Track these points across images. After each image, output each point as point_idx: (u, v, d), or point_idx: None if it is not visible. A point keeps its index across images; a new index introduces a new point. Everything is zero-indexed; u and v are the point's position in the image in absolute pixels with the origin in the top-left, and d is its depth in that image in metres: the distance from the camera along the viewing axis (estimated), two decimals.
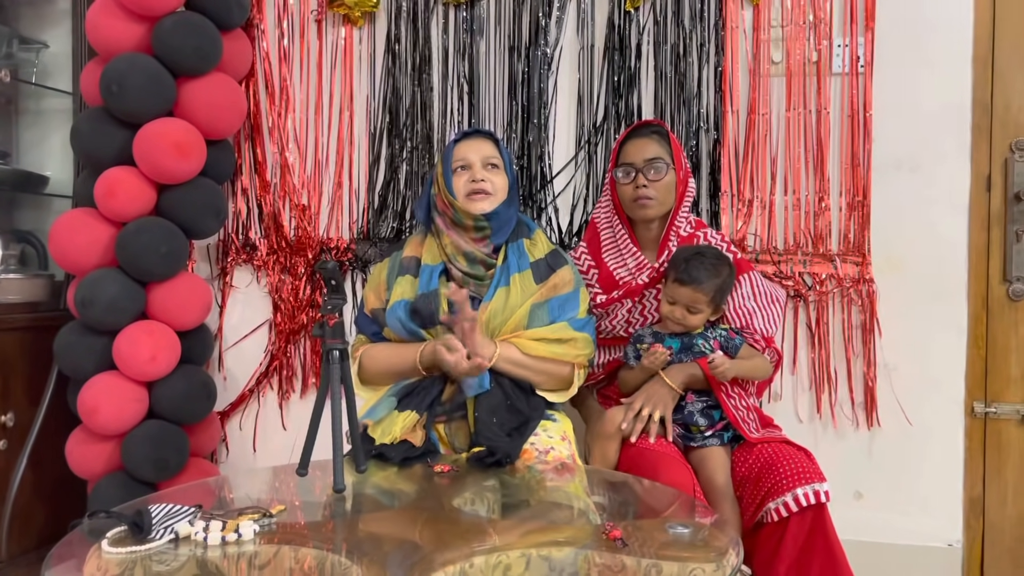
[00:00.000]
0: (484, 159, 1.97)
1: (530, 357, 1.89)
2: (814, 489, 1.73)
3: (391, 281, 1.98)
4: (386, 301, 1.96)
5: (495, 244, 1.97)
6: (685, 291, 1.90)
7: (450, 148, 2.01)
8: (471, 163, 1.96)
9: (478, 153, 1.97)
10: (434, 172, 2.03)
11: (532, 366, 1.90)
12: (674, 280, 1.91)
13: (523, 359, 1.89)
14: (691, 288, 1.89)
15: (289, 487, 1.64)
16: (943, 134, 2.30)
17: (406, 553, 1.27)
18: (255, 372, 2.64)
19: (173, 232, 2.30)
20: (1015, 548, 2.32)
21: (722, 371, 1.85)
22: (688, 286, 1.89)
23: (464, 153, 1.98)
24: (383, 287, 2.00)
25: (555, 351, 1.91)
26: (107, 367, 2.27)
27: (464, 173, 1.96)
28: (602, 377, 2.15)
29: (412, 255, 2.01)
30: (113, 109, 2.25)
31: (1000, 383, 2.32)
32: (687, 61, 2.40)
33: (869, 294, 2.32)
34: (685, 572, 1.18)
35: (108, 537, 1.24)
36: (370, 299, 2.01)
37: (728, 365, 1.86)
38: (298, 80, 2.61)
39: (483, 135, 2.03)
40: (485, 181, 1.95)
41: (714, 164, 2.39)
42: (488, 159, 1.98)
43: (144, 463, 2.25)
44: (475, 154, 1.97)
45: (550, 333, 1.91)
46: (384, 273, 2.03)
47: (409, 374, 1.92)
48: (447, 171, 1.97)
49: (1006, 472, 2.32)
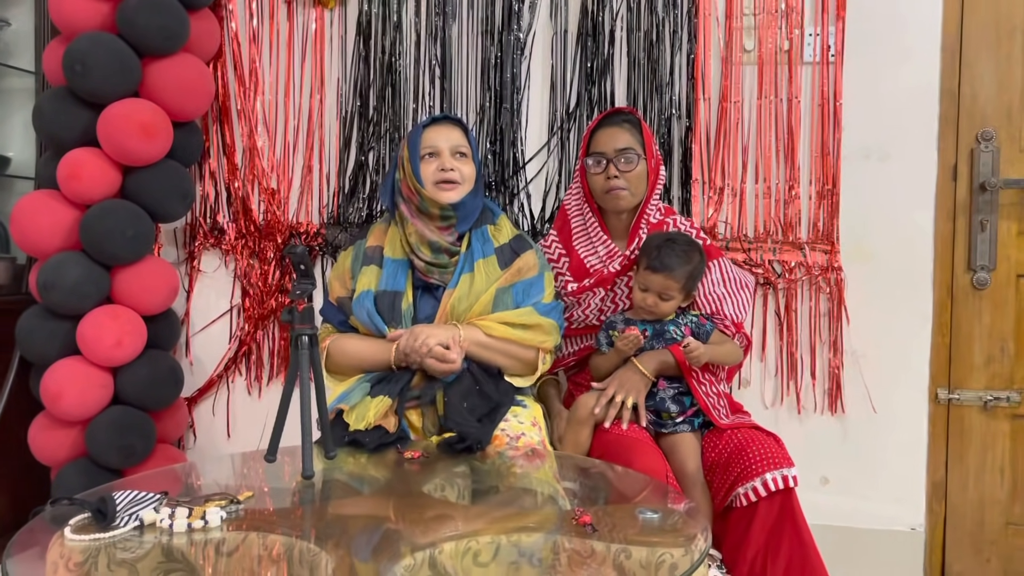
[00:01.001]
0: (453, 147, 1.95)
1: (495, 339, 1.89)
2: (783, 474, 1.75)
3: (356, 270, 1.97)
4: (352, 290, 1.95)
5: (459, 232, 1.96)
6: (657, 278, 1.90)
7: (417, 133, 1.98)
8: (440, 151, 1.94)
9: (447, 141, 1.95)
10: (399, 156, 2.00)
11: (498, 347, 1.90)
12: (646, 268, 1.92)
13: (489, 341, 1.89)
14: (663, 275, 1.90)
15: (258, 474, 1.63)
16: (911, 124, 2.33)
17: (375, 539, 1.26)
18: (223, 358, 2.61)
19: (139, 215, 2.26)
20: (975, 531, 2.37)
21: (696, 356, 1.87)
22: (660, 273, 1.90)
23: (433, 140, 1.95)
24: (348, 275, 1.98)
25: (520, 335, 1.91)
26: (71, 352, 2.23)
27: (432, 161, 1.94)
28: (572, 363, 2.16)
29: (376, 244, 1.99)
30: (77, 89, 2.21)
31: (963, 370, 2.36)
32: (660, 48, 2.39)
33: (837, 282, 2.35)
34: (654, 557, 1.19)
35: (71, 524, 1.22)
36: (335, 287, 2.00)
37: (702, 350, 1.87)
38: (267, 62, 2.57)
39: (452, 122, 2.01)
40: (454, 171, 1.93)
41: (686, 152, 2.40)
42: (457, 147, 1.96)
43: (109, 450, 2.22)
44: (444, 141, 1.95)
45: (515, 317, 1.91)
46: (348, 261, 2.01)
47: (379, 368, 1.91)
48: (414, 157, 1.94)
49: (968, 457, 2.36)
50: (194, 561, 1.18)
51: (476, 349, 1.87)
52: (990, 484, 2.36)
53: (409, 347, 1.83)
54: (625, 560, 1.18)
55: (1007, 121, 2.32)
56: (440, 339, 1.82)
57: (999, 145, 2.31)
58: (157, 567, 1.14)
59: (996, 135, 2.31)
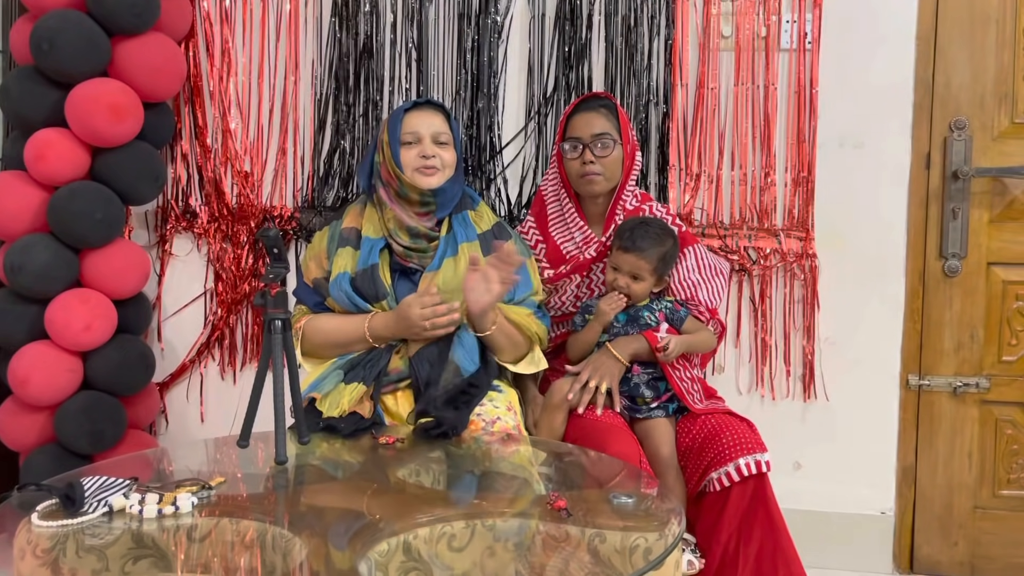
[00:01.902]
0: (434, 134, 1.93)
1: (514, 325, 1.91)
2: (755, 459, 1.76)
3: (331, 251, 1.95)
4: (328, 271, 1.93)
5: (438, 218, 1.95)
6: (629, 258, 1.91)
7: (398, 117, 1.96)
8: (421, 137, 1.92)
9: (428, 127, 1.94)
10: (379, 138, 1.98)
11: (513, 335, 1.91)
12: (618, 248, 1.93)
13: (509, 328, 1.90)
14: (634, 255, 1.91)
15: (230, 459, 1.61)
16: (886, 112, 2.34)
17: (349, 524, 1.25)
18: (196, 342, 2.58)
19: (108, 197, 2.22)
20: (944, 515, 2.40)
21: (669, 353, 1.87)
22: (631, 253, 1.91)
23: (414, 126, 1.93)
24: (323, 256, 1.96)
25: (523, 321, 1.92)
26: (39, 336, 2.20)
27: (413, 147, 1.92)
28: (550, 350, 2.16)
29: (352, 226, 1.97)
30: (44, 68, 2.17)
31: (934, 356, 2.39)
32: (638, 33, 2.39)
33: (811, 269, 2.36)
34: (628, 541, 1.19)
35: (38, 511, 1.21)
36: (311, 268, 1.98)
37: (674, 346, 1.88)
38: (241, 43, 2.53)
39: (434, 107, 1.99)
40: (435, 157, 1.92)
41: (663, 138, 2.40)
42: (438, 135, 1.94)
43: (79, 435, 2.20)
44: (426, 127, 1.93)
45: (513, 314, 1.92)
46: (324, 242, 1.99)
47: (355, 346, 1.89)
48: (394, 141, 1.93)
49: (937, 442, 2.40)
50: (165, 547, 1.17)
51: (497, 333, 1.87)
52: (958, 469, 2.39)
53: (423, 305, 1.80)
54: (600, 544, 1.19)
55: (980, 110, 2.34)
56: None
57: (972, 134, 2.33)
58: (127, 553, 1.13)
59: (969, 124, 2.33)
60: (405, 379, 1.84)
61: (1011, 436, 2.38)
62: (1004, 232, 2.35)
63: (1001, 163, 2.33)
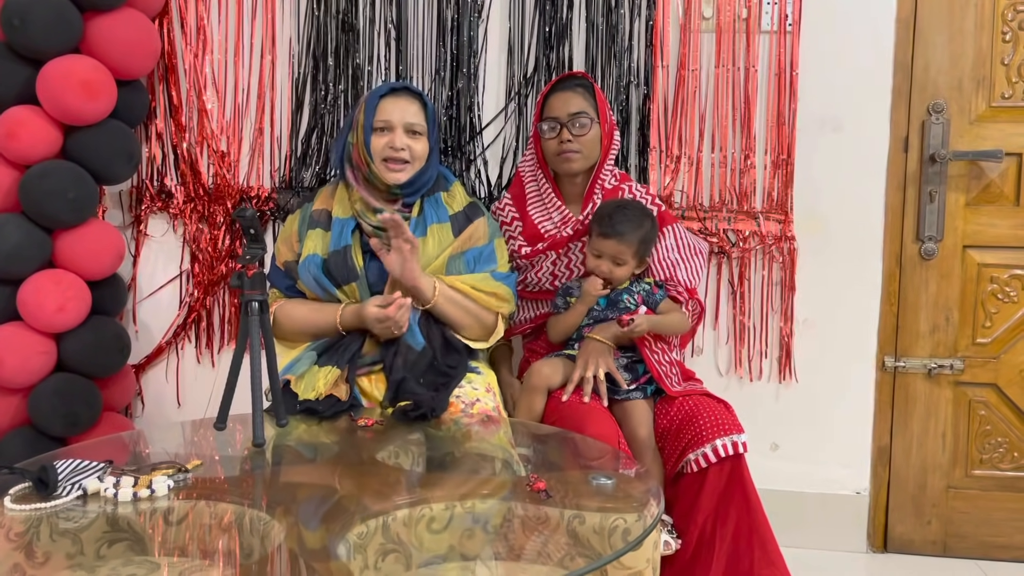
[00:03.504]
0: (407, 125, 1.90)
1: (460, 294, 1.88)
2: (732, 440, 1.78)
3: (302, 233, 1.94)
4: (298, 254, 1.92)
5: (408, 203, 1.94)
6: (610, 244, 1.91)
7: (374, 100, 1.93)
8: (393, 126, 1.90)
9: (402, 116, 1.90)
10: (354, 117, 1.96)
11: (462, 303, 1.89)
12: (599, 234, 1.92)
13: (457, 296, 1.88)
14: (616, 240, 1.91)
15: (208, 442, 1.60)
16: (865, 95, 2.35)
17: (327, 507, 1.25)
18: (172, 324, 2.56)
19: (81, 177, 2.18)
20: (917, 495, 2.44)
21: (635, 327, 1.88)
22: (612, 239, 1.91)
23: (388, 113, 1.90)
24: (295, 238, 1.95)
25: (480, 295, 1.90)
26: (11, 318, 2.16)
27: (384, 135, 1.90)
28: (529, 330, 2.16)
29: (323, 207, 1.96)
30: (15, 44, 2.12)
31: (909, 338, 2.41)
32: (619, 14, 2.37)
33: (790, 251, 2.37)
34: (607, 522, 1.19)
35: (11, 494, 1.20)
36: (282, 251, 1.97)
37: (640, 321, 1.88)
38: (216, 20, 2.48)
39: (411, 94, 1.95)
40: (404, 150, 1.89)
41: (643, 119, 2.39)
42: (411, 125, 1.91)
43: (53, 418, 2.17)
44: (399, 116, 1.90)
45: (473, 281, 1.90)
46: (295, 224, 1.98)
47: (327, 334, 1.88)
48: (367, 125, 1.90)
49: (912, 424, 2.43)
50: (141, 530, 1.16)
51: (444, 303, 1.86)
52: (932, 449, 2.42)
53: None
54: (579, 526, 1.19)
55: (958, 93, 2.35)
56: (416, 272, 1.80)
57: (949, 117, 2.35)
58: (102, 536, 1.12)
59: (947, 107, 2.34)
60: (378, 363, 1.83)
61: (984, 417, 2.41)
62: (980, 215, 2.37)
63: (978, 147, 2.35)
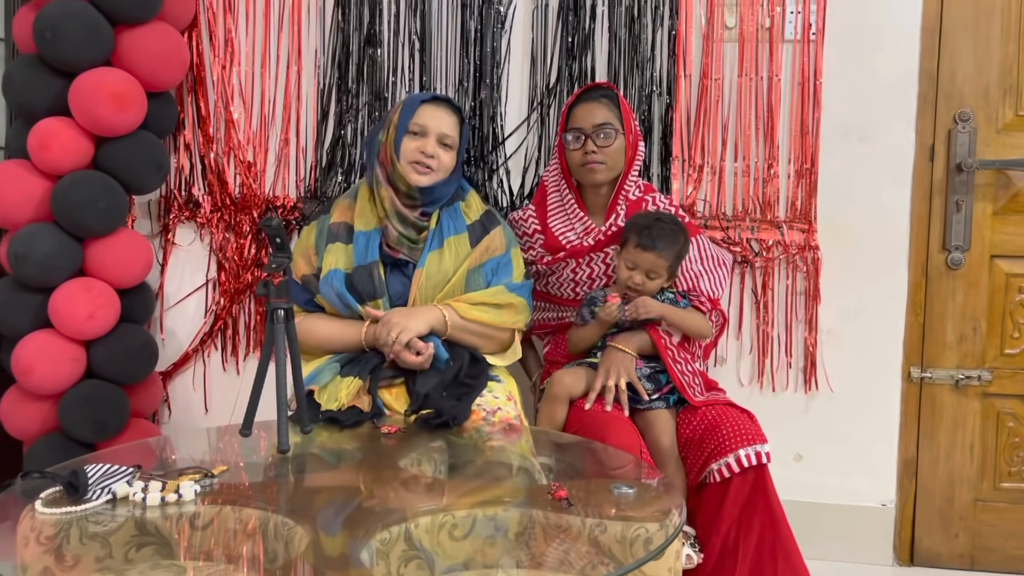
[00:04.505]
0: (440, 135, 1.93)
1: (475, 322, 1.88)
2: (755, 450, 1.77)
3: (320, 247, 1.94)
4: (318, 268, 1.92)
5: (426, 212, 1.94)
6: (647, 256, 1.91)
7: (413, 105, 1.94)
8: (427, 132, 1.92)
9: (438, 125, 1.93)
10: (388, 118, 1.98)
11: (476, 330, 1.89)
12: (636, 246, 1.92)
13: (467, 324, 1.88)
14: (654, 254, 1.90)
15: (233, 448, 1.62)
16: (890, 104, 2.33)
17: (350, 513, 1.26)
18: (199, 332, 2.59)
19: (111, 187, 2.22)
20: (944, 508, 2.41)
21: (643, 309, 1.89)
22: (651, 252, 1.90)
23: (425, 119, 1.93)
24: (312, 252, 1.95)
25: (494, 318, 1.90)
26: (42, 325, 2.20)
27: (416, 139, 1.91)
28: (549, 331, 2.16)
29: (341, 221, 1.96)
30: (47, 57, 2.16)
31: (936, 349, 2.39)
32: (641, 23, 2.38)
33: (814, 261, 2.36)
34: (629, 532, 1.19)
35: (42, 498, 1.22)
36: (300, 265, 1.96)
37: (652, 306, 1.89)
38: (244, 32, 2.52)
39: (452, 107, 1.98)
40: (433, 158, 1.91)
41: (666, 129, 2.39)
42: (444, 136, 1.93)
43: (82, 424, 2.20)
44: (435, 124, 1.92)
45: (488, 297, 1.90)
46: (312, 237, 1.97)
47: (349, 350, 1.89)
48: (401, 127, 1.92)
49: (939, 435, 2.40)
50: (168, 535, 1.17)
51: (456, 332, 1.87)
52: (960, 461, 2.39)
53: (382, 340, 1.80)
54: (600, 535, 1.19)
55: (984, 102, 2.33)
56: (417, 330, 1.80)
57: (976, 126, 2.33)
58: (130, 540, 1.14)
59: (973, 116, 2.32)
60: (400, 376, 1.84)
61: (1012, 429, 2.37)
62: (1008, 225, 2.35)
63: (1005, 155, 2.32)
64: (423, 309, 1.86)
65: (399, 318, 1.81)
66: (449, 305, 1.87)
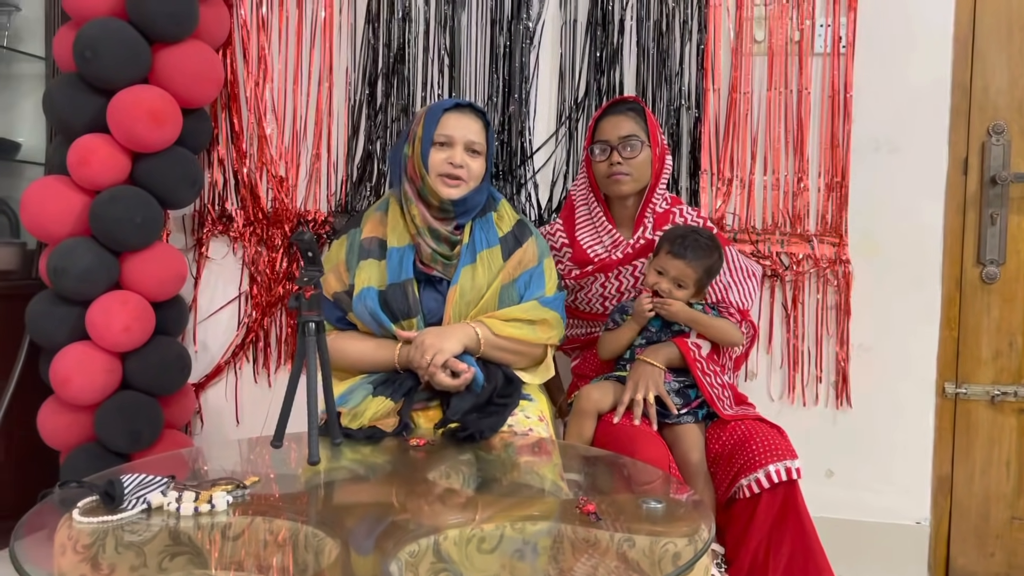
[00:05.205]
0: (468, 142, 1.86)
1: (507, 339, 1.84)
2: (786, 466, 1.75)
3: (352, 263, 1.89)
4: (350, 285, 1.87)
5: (459, 224, 1.90)
6: (677, 264, 1.90)
7: (436, 114, 1.88)
8: (454, 142, 1.85)
9: (464, 133, 1.86)
10: (411, 130, 1.92)
11: (511, 348, 1.86)
12: (667, 252, 1.91)
13: (501, 341, 1.84)
14: (684, 263, 1.90)
15: (264, 459, 1.63)
16: (922, 116, 2.31)
17: (380, 525, 1.27)
18: (231, 344, 2.63)
19: (148, 201, 2.26)
20: (980, 526, 2.36)
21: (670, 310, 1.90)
22: (681, 259, 1.90)
23: (450, 128, 1.86)
24: (343, 268, 1.90)
25: (528, 334, 1.86)
26: (80, 337, 2.24)
27: (443, 150, 1.85)
28: (576, 347, 2.16)
29: (373, 235, 1.91)
30: (86, 75, 2.21)
31: (971, 364, 2.35)
32: (670, 38, 2.38)
33: (845, 275, 2.34)
34: (658, 547, 1.19)
35: (79, 507, 1.23)
36: (331, 282, 1.89)
37: (679, 307, 1.89)
38: (276, 49, 2.57)
39: (475, 112, 1.91)
40: (463, 168, 1.85)
41: (694, 142, 2.39)
42: (472, 143, 1.87)
43: (117, 434, 2.24)
44: (461, 133, 1.86)
45: (522, 313, 1.86)
46: (343, 252, 1.92)
47: (382, 370, 1.85)
48: (426, 139, 1.86)
49: (974, 452, 2.36)
50: (200, 545, 1.19)
51: (489, 350, 1.83)
52: (996, 479, 2.35)
53: (416, 362, 1.76)
54: (629, 549, 1.19)
55: (1018, 114, 2.30)
56: (452, 351, 1.76)
57: (1010, 138, 2.30)
58: (164, 550, 1.15)
59: (1007, 128, 2.30)
60: (435, 398, 1.81)
61: None
62: None
63: None
64: (456, 328, 1.81)
65: (432, 339, 1.76)
66: (482, 322, 1.83)
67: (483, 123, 1.91)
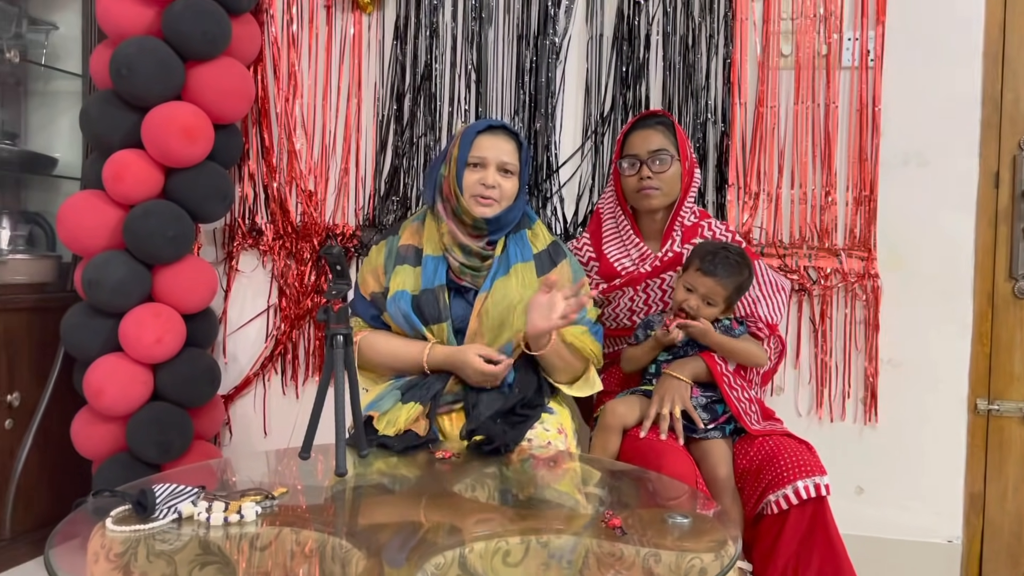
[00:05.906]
0: (500, 163, 1.91)
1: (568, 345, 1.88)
2: (815, 482, 1.73)
3: (388, 267, 1.95)
4: (385, 287, 1.93)
5: (492, 240, 1.94)
6: (707, 281, 1.90)
7: (471, 136, 1.93)
8: (487, 163, 1.90)
9: (497, 154, 1.90)
10: (448, 151, 1.97)
11: (566, 356, 1.89)
12: (697, 269, 1.91)
13: (563, 347, 1.88)
14: (714, 280, 1.89)
15: (292, 470, 1.65)
16: (952, 130, 2.29)
17: (406, 537, 1.27)
18: (260, 356, 2.65)
19: (180, 216, 2.30)
20: (1013, 544, 2.32)
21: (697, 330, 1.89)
22: (711, 277, 1.89)
23: (483, 150, 1.91)
24: (381, 271, 1.96)
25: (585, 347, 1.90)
26: (113, 349, 2.28)
27: (477, 171, 1.90)
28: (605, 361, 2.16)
29: (410, 243, 1.96)
30: (122, 92, 2.26)
31: (1004, 380, 2.32)
32: (696, 52, 2.39)
33: (874, 289, 2.32)
34: (683, 562, 1.18)
35: (112, 516, 1.25)
36: (368, 282, 1.97)
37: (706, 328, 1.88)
38: (306, 66, 2.61)
39: (508, 133, 1.95)
40: (495, 188, 1.89)
41: (721, 156, 2.39)
42: (504, 164, 1.91)
43: (148, 445, 2.27)
44: (493, 154, 1.90)
45: (571, 338, 1.89)
46: (382, 257, 1.98)
47: (409, 371, 1.90)
48: (461, 160, 1.91)
49: (1007, 469, 2.32)
50: (229, 555, 1.20)
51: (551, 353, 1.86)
52: None
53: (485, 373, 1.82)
54: (654, 564, 1.18)
55: None
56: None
57: None
58: (194, 559, 1.17)
59: None
60: (460, 401, 1.85)
61: None
62: None
63: None
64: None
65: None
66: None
67: (516, 143, 1.96)
